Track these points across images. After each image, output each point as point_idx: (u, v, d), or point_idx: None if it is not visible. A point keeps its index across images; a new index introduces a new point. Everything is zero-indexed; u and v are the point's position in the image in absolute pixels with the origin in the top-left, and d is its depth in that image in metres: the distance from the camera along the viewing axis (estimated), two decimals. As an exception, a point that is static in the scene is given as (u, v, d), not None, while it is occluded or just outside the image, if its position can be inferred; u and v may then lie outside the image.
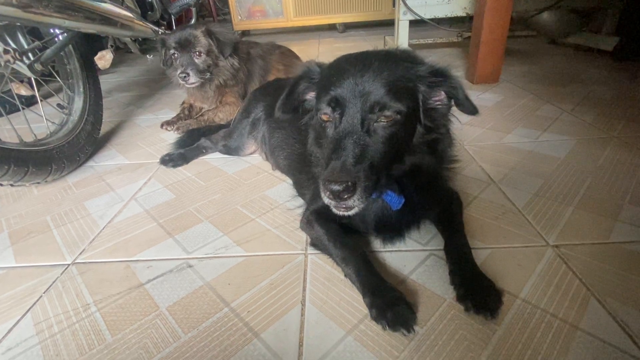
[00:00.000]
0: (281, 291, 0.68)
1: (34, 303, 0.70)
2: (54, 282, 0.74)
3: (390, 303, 0.60)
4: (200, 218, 0.92)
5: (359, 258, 0.68)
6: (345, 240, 0.72)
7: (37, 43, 1.11)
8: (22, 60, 1.05)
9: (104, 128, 1.56)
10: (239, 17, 4.06)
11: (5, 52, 1.00)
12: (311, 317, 0.63)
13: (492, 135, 1.26)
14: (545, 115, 1.39)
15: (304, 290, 0.68)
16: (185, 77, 1.43)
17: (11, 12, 0.93)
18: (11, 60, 1.02)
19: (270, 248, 0.80)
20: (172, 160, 1.22)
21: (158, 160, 1.24)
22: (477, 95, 1.67)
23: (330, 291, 0.67)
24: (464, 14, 2.17)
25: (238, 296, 0.67)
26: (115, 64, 2.91)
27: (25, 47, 1.10)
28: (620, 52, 2.01)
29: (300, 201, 0.95)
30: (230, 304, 0.66)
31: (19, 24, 1.06)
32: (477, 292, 0.63)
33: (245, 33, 4.33)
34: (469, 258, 0.70)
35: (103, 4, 1.25)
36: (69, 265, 0.79)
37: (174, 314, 0.65)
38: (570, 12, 2.20)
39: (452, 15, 2.18)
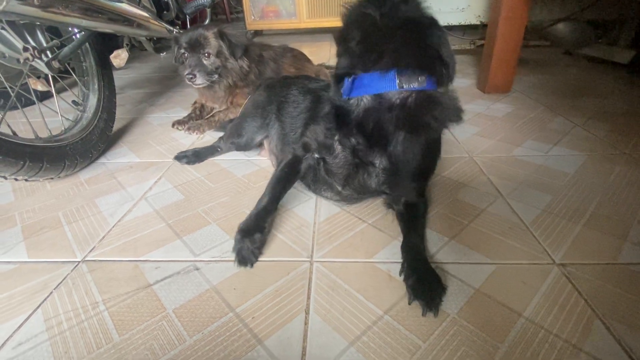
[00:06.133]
0: (286, 298, 0.69)
1: (45, 299, 0.71)
2: (64, 278, 0.76)
3: (252, 230, 0.80)
4: (209, 220, 0.93)
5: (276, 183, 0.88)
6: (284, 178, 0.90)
7: (55, 41, 1.13)
8: (40, 58, 1.08)
9: (117, 125, 1.58)
10: (252, 17, 4.08)
11: (25, 49, 1.03)
12: (315, 326, 0.63)
13: (501, 147, 1.26)
14: (556, 129, 1.39)
15: (308, 298, 0.69)
16: (191, 78, 1.45)
17: (32, 11, 0.95)
18: (30, 57, 1.04)
19: (276, 254, 0.81)
20: (187, 157, 1.25)
21: (173, 157, 1.27)
22: (488, 105, 1.66)
23: (334, 300, 0.68)
24: (478, 22, 2.16)
25: (243, 301, 0.68)
26: (129, 60, 2.94)
27: (44, 44, 1.12)
28: (636, 66, 1.99)
29: (306, 203, 0.96)
30: (235, 309, 0.67)
31: (38, 23, 1.08)
32: (426, 291, 0.67)
33: (257, 33, 4.36)
34: (422, 254, 0.76)
35: (120, 4, 1.27)
36: (79, 262, 0.81)
37: (180, 316, 0.66)
38: (586, 23, 2.18)
39: (466, 24, 2.18)
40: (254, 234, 0.81)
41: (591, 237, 0.82)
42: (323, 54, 3.05)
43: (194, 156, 1.26)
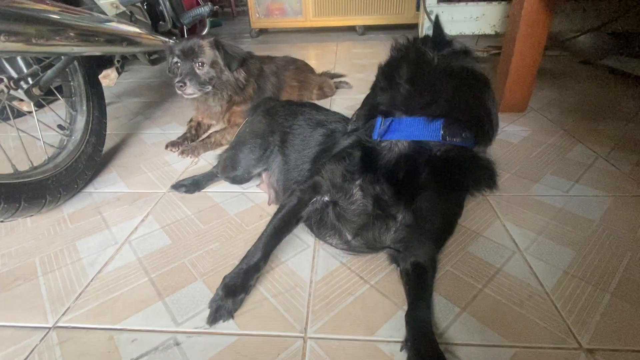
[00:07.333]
0: (274, 391, 0.61)
1: (6, 381, 0.64)
2: (31, 351, 0.69)
3: (238, 290, 0.75)
4: (195, 275, 0.85)
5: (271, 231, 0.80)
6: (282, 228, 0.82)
7: (35, 67, 1.04)
8: (18, 87, 0.99)
9: (109, 143, 1.51)
10: (257, 15, 3.98)
11: (-1, 81, 0.95)
12: None
13: (518, 183, 1.16)
14: (577, 160, 1.28)
15: (300, 393, 0.61)
16: (182, 86, 1.36)
17: (15, 47, 0.86)
18: (5, 90, 0.95)
19: (266, 325, 0.72)
20: (185, 186, 1.18)
21: (170, 187, 1.20)
22: (502, 127, 1.56)
23: (328, 397, 0.60)
24: (493, 32, 2.04)
25: (226, 395, 0.61)
26: (128, 63, 2.86)
27: (24, 71, 1.04)
28: (662, 83, 1.86)
29: (303, 254, 0.88)
30: (216, 405, 0.59)
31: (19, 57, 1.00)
32: None
33: (262, 31, 4.25)
34: (429, 332, 0.66)
35: (110, 24, 1.18)
36: (49, 329, 0.73)
37: (154, 413, 0.58)
38: (608, 34, 2.05)
39: (480, 33, 2.05)
40: (239, 295, 0.76)
41: (622, 311, 0.73)
42: (328, 56, 2.95)
43: (193, 185, 1.19)
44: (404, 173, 0.71)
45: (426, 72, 0.71)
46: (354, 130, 0.86)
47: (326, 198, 0.81)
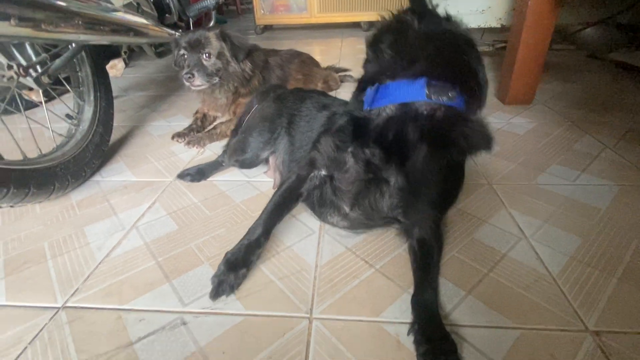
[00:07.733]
0: (280, 369, 0.61)
1: (17, 357, 0.65)
2: (40, 330, 0.70)
3: (240, 264, 0.77)
4: (201, 259, 0.86)
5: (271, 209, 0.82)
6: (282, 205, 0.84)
7: (44, 55, 1.05)
8: (27, 75, 1.00)
9: (116, 134, 1.52)
10: (262, 11, 3.98)
11: (9, 67, 0.96)
12: (311, 410, 0.56)
13: (524, 172, 1.16)
14: (583, 151, 1.27)
15: (305, 370, 0.61)
16: (189, 77, 1.37)
17: (24, 32, 0.87)
18: (15, 76, 0.97)
19: (272, 306, 0.73)
20: (190, 175, 1.19)
21: (175, 176, 1.21)
22: (508, 119, 1.55)
23: (334, 374, 0.60)
24: (499, 25, 2.03)
25: (232, 371, 0.61)
26: (134, 58, 2.89)
27: (33, 59, 1.05)
28: (670, 76, 1.84)
29: (308, 239, 0.88)
30: (222, 381, 0.60)
31: (27, 42, 1.01)
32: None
33: (267, 28, 4.25)
34: (436, 314, 0.68)
35: (117, 14, 1.19)
36: (59, 309, 0.74)
37: (161, 388, 0.59)
38: (616, 27, 2.03)
39: (486, 26, 2.04)
40: (241, 269, 0.77)
41: (628, 295, 0.72)
42: (334, 53, 2.94)
43: (198, 174, 1.20)
44: (392, 135, 0.70)
45: (406, 36, 0.72)
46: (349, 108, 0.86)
47: (323, 172, 0.83)
